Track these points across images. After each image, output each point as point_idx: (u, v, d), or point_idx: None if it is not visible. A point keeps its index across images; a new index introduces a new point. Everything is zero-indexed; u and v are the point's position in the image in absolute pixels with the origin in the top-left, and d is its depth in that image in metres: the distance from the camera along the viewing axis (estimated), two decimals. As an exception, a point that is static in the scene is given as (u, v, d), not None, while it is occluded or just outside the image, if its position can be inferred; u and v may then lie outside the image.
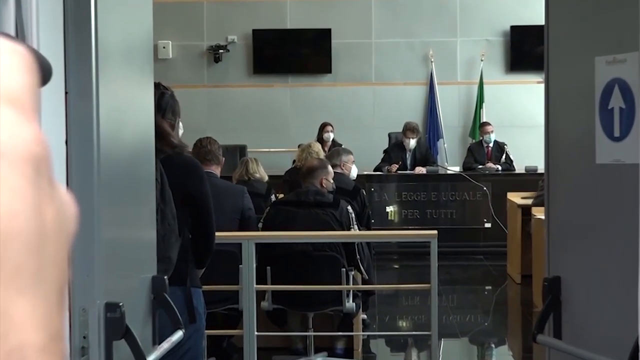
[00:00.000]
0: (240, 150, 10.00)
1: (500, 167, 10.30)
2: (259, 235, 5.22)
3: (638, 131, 2.37)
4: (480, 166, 10.38)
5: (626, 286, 2.42)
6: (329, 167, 5.78)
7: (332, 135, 10.26)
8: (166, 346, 2.64)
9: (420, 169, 10.27)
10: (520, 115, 11.43)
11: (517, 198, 8.67)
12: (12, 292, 0.42)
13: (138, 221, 2.61)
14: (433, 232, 5.02)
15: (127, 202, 2.50)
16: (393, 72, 11.70)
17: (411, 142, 10.35)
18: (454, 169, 10.52)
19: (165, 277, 2.63)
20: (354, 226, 5.35)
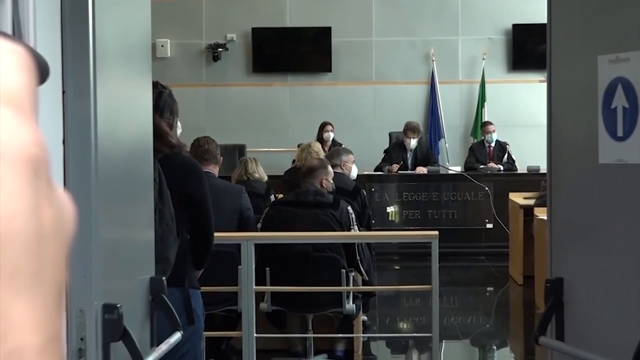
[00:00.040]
0: (239, 149, 10.00)
1: (502, 167, 10.27)
2: (258, 235, 5.20)
3: (642, 131, 2.35)
4: (481, 166, 10.36)
5: (629, 287, 2.40)
6: (329, 167, 5.75)
7: (332, 134, 10.24)
8: (164, 348, 2.62)
9: (421, 169, 10.25)
10: (522, 114, 11.40)
11: (519, 198, 8.65)
12: (11, 293, 0.43)
13: (136, 221, 2.59)
14: (434, 233, 5.00)
15: (125, 203, 2.49)
16: (394, 71, 11.67)
17: (412, 142, 10.33)
18: (456, 169, 10.49)
19: (163, 278, 2.61)
20: (354, 227, 5.33)
